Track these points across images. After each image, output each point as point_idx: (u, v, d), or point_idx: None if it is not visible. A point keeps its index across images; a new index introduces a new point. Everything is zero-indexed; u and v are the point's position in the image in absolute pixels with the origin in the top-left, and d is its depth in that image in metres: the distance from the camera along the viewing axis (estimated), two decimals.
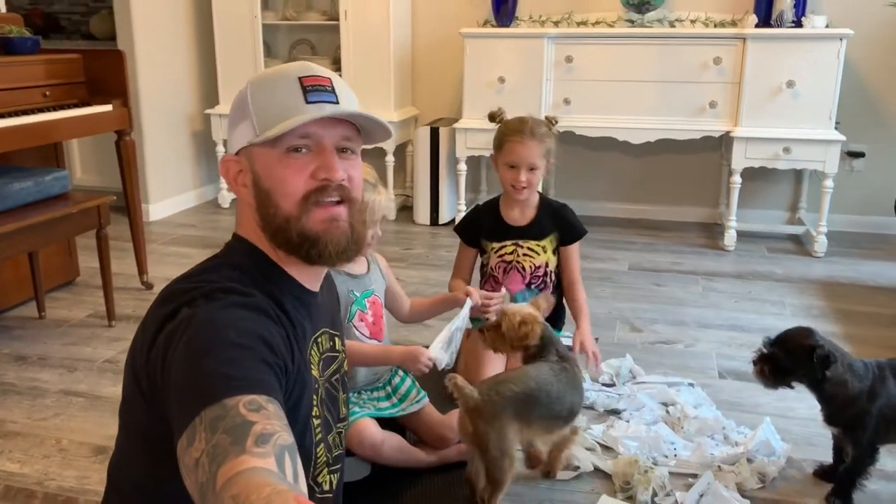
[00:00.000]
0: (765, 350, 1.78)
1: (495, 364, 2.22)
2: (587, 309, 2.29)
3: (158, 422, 0.92)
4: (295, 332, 1.03)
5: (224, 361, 0.86)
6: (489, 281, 2.34)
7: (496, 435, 1.63)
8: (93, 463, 1.97)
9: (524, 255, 2.29)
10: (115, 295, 2.88)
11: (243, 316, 0.94)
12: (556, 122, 2.32)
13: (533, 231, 2.31)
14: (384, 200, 1.83)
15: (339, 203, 1.04)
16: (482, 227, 2.32)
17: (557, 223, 2.32)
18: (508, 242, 2.30)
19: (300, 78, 1.04)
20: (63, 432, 2.12)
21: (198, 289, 0.97)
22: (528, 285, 2.31)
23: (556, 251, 2.33)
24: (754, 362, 1.80)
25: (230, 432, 0.78)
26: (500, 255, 2.30)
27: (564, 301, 2.38)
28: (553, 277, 2.33)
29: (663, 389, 2.26)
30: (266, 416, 0.81)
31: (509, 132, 2.22)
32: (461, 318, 1.91)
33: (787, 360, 1.74)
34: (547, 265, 2.32)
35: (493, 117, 2.31)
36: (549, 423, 1.75)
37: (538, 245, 2.31)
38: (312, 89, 1.03)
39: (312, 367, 1.09)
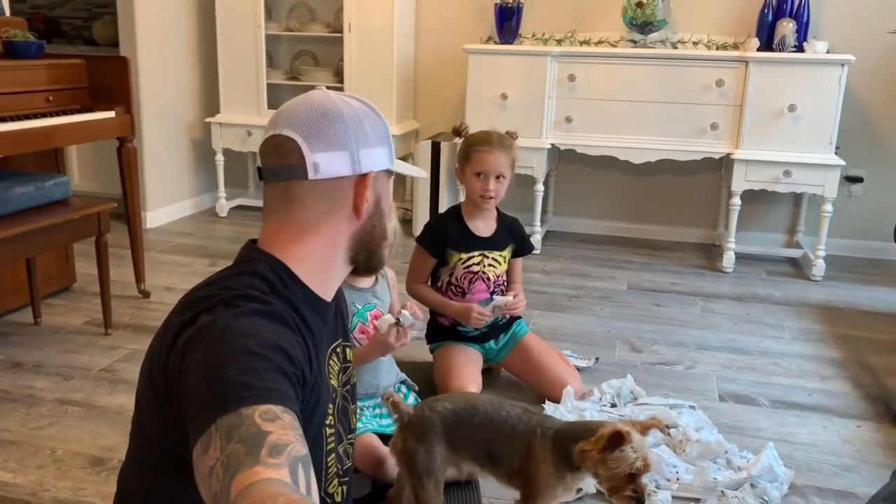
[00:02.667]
0: None
1: (469, 373, 2.28)
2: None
3: (172, 429, 0.93)
4: (314, 341, 1.04)
5: (242, 370, 0.86)
6: (450, 291, 2.37)
7: (424, 452, 1.58)
8: (88, 474, 1.94)
9: (489, 265, 2.36)
10: (112, 303, 2.85)
11: (262, 324, 0.94)
12: (517, 136, 2.40)
13: (497, 242, 2.38)
14: (391, 227, 1.85)
15: None
16: (448, 237, 2.34)
17: (514, 236, 2.41)
18: (476, 253, 2.35)
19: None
20: (58, 442, 2.09)
21: (217, 296, 0.98)
22: (492, 294, 2.38)
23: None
24: None
25: (245, 442, 0.79)
26: (467, 266, 2.34)
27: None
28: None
29: (665, 411, 2.25)
30: (281, 426, 0.82)
31: (476, 143, 2.29)
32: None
33: None
34: (504, 275, 2.42)
35: (457, 131, 2.40)
36: (468, 451, 1.62)
37: (500, 255, 2.39)
38: None
39: (332, 376, 1.11)
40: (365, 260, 1.14)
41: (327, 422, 1.08)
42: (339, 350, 1.16)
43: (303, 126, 1.05)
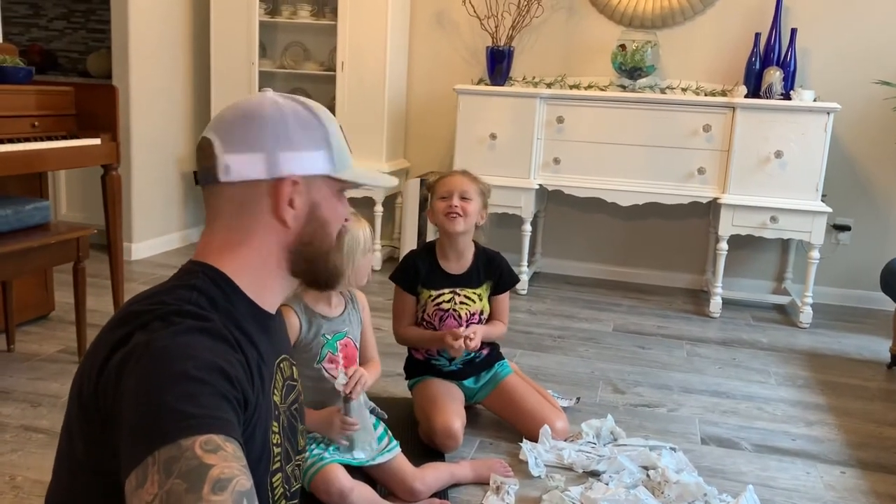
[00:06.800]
0: None
1: (453, 408, 2.21)
2: (496, 334, 2.36)
3: (105, 455, 0.87)
4: (258, 356, 0.99)
5: (180, 397, 0.82)
6: (423, 328, 2.33)
7: None
8: None
9: (461, 302, 2.32)
10: (89, 331, 2.80)
11: (200, 344, 0.89)
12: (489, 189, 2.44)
13: (469, 279, 2.34)
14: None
15: None
16: (419, 273, 2.32)
17: (491, 272, 2.37)
18: (446, 290, 2.31)
19: (341, 128, 1.12)
20: (18, 469, 2.03)
21: (151, 312, 0.92)
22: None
23: (489, 298, 2.38)
24: None
25: (185, 477, 0.75)
26: (437, 304, 2.30)
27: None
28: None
29: (644, 452, 2.20)
30: (223, 457, 0.78)
31: (440, 175, 2.36)
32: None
33: None
34: (481, 313, 2.35)
35: (430, 187, 2.40)
36: None
37: (474, 293, 2.34)
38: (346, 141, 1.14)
39: (276, 392, 1.05)
40: (308, 273, 1.08)
41: (274, 441, 1.03)
42: (283, 366, 1.10)
43: (222, 126, 1.02)
